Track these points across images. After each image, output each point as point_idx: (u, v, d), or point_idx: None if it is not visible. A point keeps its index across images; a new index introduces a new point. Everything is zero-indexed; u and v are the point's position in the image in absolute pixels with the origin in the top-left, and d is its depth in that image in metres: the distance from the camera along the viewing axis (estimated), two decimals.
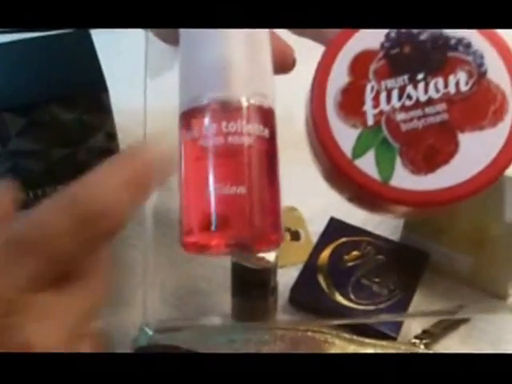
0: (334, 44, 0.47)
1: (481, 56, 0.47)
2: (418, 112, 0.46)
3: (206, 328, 0.65)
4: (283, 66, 0.50)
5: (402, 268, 0.69)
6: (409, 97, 0.46)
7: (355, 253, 0.70)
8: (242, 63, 0.46)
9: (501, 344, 0.66)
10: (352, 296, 0.67)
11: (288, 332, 0.63)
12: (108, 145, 0.74)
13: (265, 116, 0.46)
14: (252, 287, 0.62)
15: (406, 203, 0.46)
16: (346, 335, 0.64)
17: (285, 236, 0.72)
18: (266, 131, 0.46)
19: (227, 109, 0.45)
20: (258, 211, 0.45)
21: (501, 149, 0.46)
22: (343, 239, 0.71)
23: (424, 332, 0.66)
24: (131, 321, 0.63)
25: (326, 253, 0.70)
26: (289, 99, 0.53)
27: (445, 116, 0.46)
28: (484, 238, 0.64)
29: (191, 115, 0.46)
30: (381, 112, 0.46)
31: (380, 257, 0.70)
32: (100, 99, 0.70)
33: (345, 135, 0.46)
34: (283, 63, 0.50)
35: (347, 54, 0.47)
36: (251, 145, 0.45)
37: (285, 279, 0.67)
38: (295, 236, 0.73)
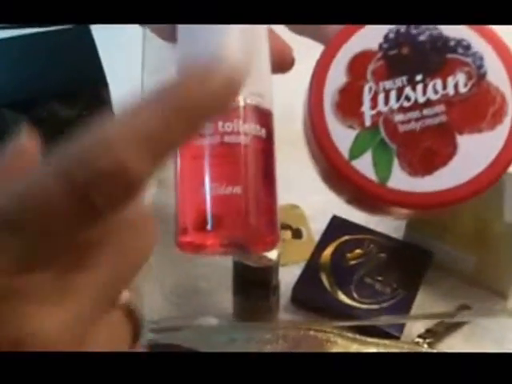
0: (333, 44, 0.47)
1: (480, 58, 0.46)
2: (416, 113, 0.46)
3: (207, 327, 0.65)
4: (282, 65, 0.50)
5: (405, 266, 0.69)
6: (407, 98, 0.46)
7: (358, 251, 0.70)
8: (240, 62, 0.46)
9: (504, 342, 0.65)
10: (355, 294, 0.67)
11: (290, 331, 0.63)
12: None
13: (262, 116, 0.46)
14: (254, 286, 0.62)
15: (404, 205, 0.46)
16: (349, 334, 0.64)
17: (286, 234, 0.72)
18: (263, 131, 0.46)
19: None
20: (254, 212, 0.45)
21: (499, 151, 0.45)
22: (346, 237, 0.71)
23: (427, 331, 0.66)
24: None
25: (329, 251, 0.70)
26: (288, 98, 0.53)
27: (443, 118, 0.46)
28: (487, 237, 0.64)
29: None
30: (378, 113, 0.46)
31: (383, 255, 0.70)
32: (100, 95, 0.70)
33: (342, 136, 0.46)
34: (282, 62, 0.50)
35: (345, 55, 0.47)
36: (248, 145, 0.45)
37: (287, 278, 0.67)
38: (297, 234, 0.73)
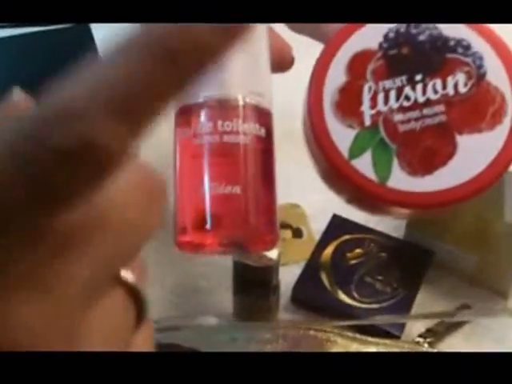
0: (332, 43, 0.47)
1: (480, 58, 0.46)
2: (416, 113, 0.46)
3: (207, 327, 0.65)
4: (281, 64, 0.50)
5: (406, 266, 0.69)
6: (407, 98, 0.46)
7: (358, 250, 0.70)
8: (239, 61, 0.46)
9: (505, 342, 0.65)
10: (355, 294, 0.67)
11: (290, 330, 0.63)
12: None
13: (261, 115, 0.46)
14: (254, 285, 0.62)
15: (403, 205, 0.46)
16: (349, 334, 0.64)
17: (287, 233, 0.72)
18: (263, 130, 0.46)
19: (223, 107, 0.45)
20: (253, 211, 0.45)
21: (499, 151, 0.45)
22: (346, 236, 0.71)
23: (428, 331, 0.65)
24: None
25: (329, 250, 0.70)
26: (288, 97, 0.53)
27: (443, 117, 0.46)
28: (488, 236, 0.64)
29: (187, 113, 0.46)
30: (378, 112, 0.46)
31: (383, 254, 0.69)
32: None
33: (342, 135, 0.46)
34: (281, 61, 0.50)
35: (345, 54, 0.47)
36: (247, 144, 0.45)
37: (287, 277, 0.67)
38: (297, 233, 0.73)
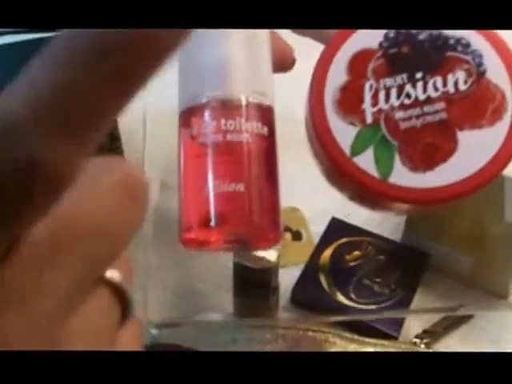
0: (333, 42, 0.48)
1: (480, 55, 0.47)
2: (417, 110, 0.46)
3: (208, 324, 0.65)
4: (283, 65, 0.51)
5: (403, 268, 0.69)
6: (407, 95, 0.47)
7: (356, 253, 0.70)
8: (242, 62, 0.46)
9: (501, 343, 0.66)
10: (353, 296, 0.67)
11: (289, 331, 0.63)
12: (111, 145, 0.74)
13: (264, 114, 0.46)
14: (254, 287, 0.62)
15: (405, 200, 0.47)
16: (347, 335, 0.64)
17: (286, 236, 0.72)
18: (265, 129, 0.46)
19: (226, 107, 0.45)
20: (257, 208, 0.45)
21: (500, 147, 0.46)
22: (344, 239, 0.71)
23: (424, 332, 0.66)
24: None
25: (328, 253, 0.70)
26: (289, 98, 0.53)
27: (443, 115, 0.46)
28: (484, 238, 0.64)
29: (190, 113, 0.46)
30: (379, 110, 0.47)
31: (381, 257, 0.70)
32: None
33: (343, 133, 0.46)
34: (283, 62, 0.51)
35: (346, 53, 0.47)
36: (250, 142, 0.45)
37: (286, 279, 0.67)
38: (297, 236, 0.73)
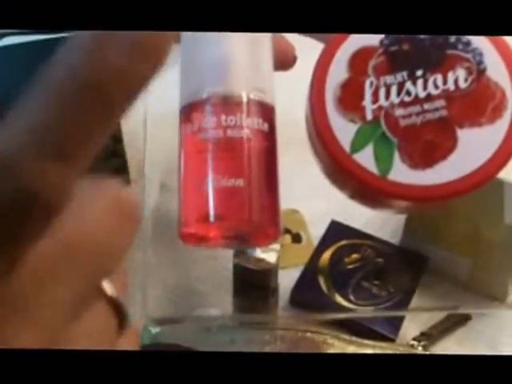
0: (334, 40, 0.48)
1: (480, 54, 0.47)
2: (417, 108, 0.46)
3: (207, 319, 0.65)
4: (284, 63, 0.51)
5: (402, 271, 0.69)
6: (408, 93, 0.47)
7: (355, 255, 0.70)
8: (243, 59, 0.47)
9: (497, 346, 0.66)
10: (352, 298, 0.67)
11: (288, 332, 0.63)
12: (113, 147, 0.74)
13: (264, 111, 0.47)
14: (253, 288, 0.62)
15: (404, 197, 0.47)
16: (346, 336, 0.64)
17: (286, 238, 0.72)
18: (266, 125, 0.46)
19: (227, 103, 0.46)
20: (256, 204, 0.45)
21: (499, 145, 0.46)
22: (344, 242, 0.71)
23: (422, 334, 0.66)
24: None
25: (327, 255, 0.70)
26: (290, 98, 0.53)
27: (443, 112, 0.46)
28: (482, 242, 0.64)
29: (191, 109, 0.46)
30: (380, 107, 0.47)
31: (380, 260, 0.70)
32: None
33: (343, 130, 0.47)
34: (284, 60, 0.51)
35: (347, 50, 0.48)
36: (250, 138, 0.45)
37: (286, 280, 0.67)
38: (296, 238, 0.73)
